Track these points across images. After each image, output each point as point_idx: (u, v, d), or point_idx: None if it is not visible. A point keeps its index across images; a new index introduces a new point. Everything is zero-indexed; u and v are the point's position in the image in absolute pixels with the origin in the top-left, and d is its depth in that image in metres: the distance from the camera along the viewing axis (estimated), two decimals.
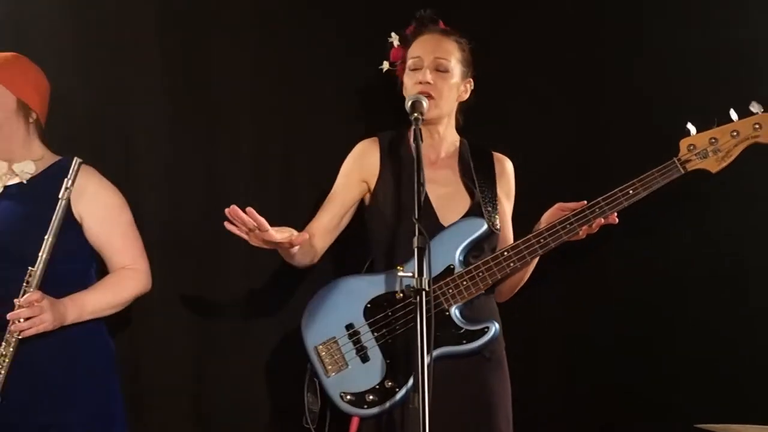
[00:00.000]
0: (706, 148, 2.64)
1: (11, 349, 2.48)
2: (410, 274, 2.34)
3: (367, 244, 2.82)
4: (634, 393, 3.10)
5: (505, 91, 3.13)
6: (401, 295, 2.56)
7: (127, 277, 2.73)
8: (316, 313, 2.71)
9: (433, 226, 2.66)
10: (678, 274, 3.13)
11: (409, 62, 2.78)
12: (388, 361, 2.64)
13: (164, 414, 3.07)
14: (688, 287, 3.12)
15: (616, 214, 2.63)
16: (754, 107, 2.64)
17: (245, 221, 2.41)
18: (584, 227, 2.62)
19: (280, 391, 3.03)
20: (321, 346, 2.67)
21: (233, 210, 2.40)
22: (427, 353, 2.54)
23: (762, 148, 2.65)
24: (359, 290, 2.70)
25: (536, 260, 2.73)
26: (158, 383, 3.08)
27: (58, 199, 2.55)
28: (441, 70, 2.74)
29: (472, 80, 2.84)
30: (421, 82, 2.70)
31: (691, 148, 2.65)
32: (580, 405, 3.13)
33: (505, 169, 2.87)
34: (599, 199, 2.63)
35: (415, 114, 2.57)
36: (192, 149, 3.16)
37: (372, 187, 2.80)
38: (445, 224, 2.70)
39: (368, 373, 2.64)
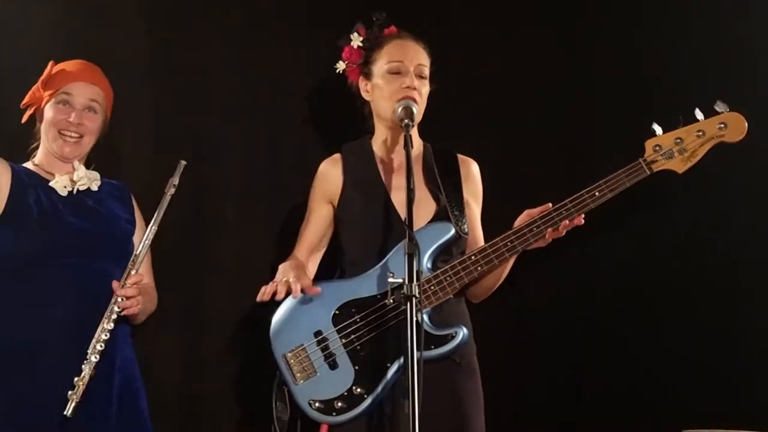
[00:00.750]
0: (672, 148, 2.63)
1: (111, 325, 2.54)
2: (400, 280, 2.35)
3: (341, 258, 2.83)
4: (620, 397, 3.10)
5: (483, 93, 3.16)
6: (391, 301, 2.57)
7: (154, 289, 2.85)
8: (284, 321, 2.71)
9: (398, 232, 2.68)
10: (663, 275, 3.13)
11: (388, 65, 2.75)
12: (356, 368, 2.63)
13: None
14: (675, 289, 3.12)
15: (582, 216, 2.62)
16: (719, 107, 2.63)
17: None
18: (550, 230, 2.61)
19: (253, 400, 3.02)
20: (289, 354, 2.67)
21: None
22: (396, 360, 2.60)
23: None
24: (328, 297, 2.69)
25: (511, 262, 2.72)
26: None
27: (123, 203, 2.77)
28: (422, 77, 2.75)
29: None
30: (408, 87, 2.70)
31: (657, 148, 2.64)
32: (564, 410, 3.13)
33: (471, 171, 2.86)
34: (566, 201, 2.63)
35: (406, 120, 2.60)
36: (178, 151, 3.13)
37: (336, 203, 2.82)
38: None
39: (337, 381, 2.63)
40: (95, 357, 2.50)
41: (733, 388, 3.03)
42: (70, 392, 2.47)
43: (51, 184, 2.68)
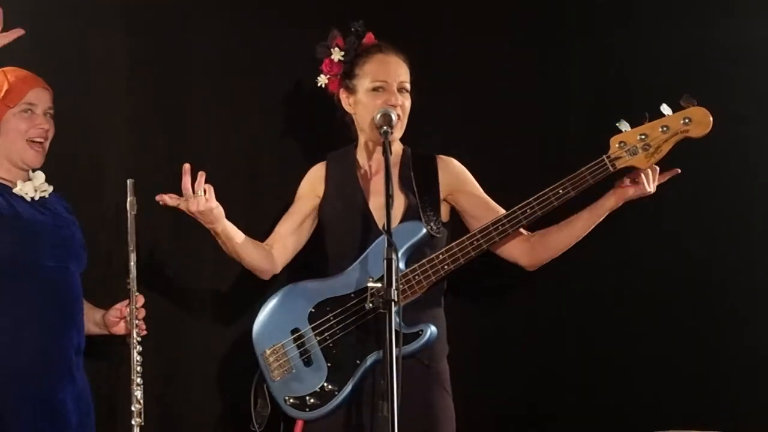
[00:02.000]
0: (636, 144, 2.64)
1: (140, 348, 2.74)
2: (379, 285, 2.44)
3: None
4: (592, 399, 3.11)
5: (467, 95, 3.18)
6: (371, 305, 2.66)
7: None
8: (265, 319, 2.82)
9: (374, 234, 2.77)
10: (642, 277, 3.12)
11: (372, 84, 2.79)
12: (329, 365, 2.73)
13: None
14: (650, 290, 3.11)
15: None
16: (685, 101, 2.62)
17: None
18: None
19: (234, 396, 3.12)
20: (268, 351, 2.78)
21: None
22: (366, 357, 2.69)
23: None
24: (305, 295, 2.81)
25: (584, 223, 2.74)
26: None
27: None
28: (403, 90, 2.81)
29: None
30: (393, 105, 2.76)
31: (622, 144, 2.64)
32: (537, 412, 3.15)
33: (449, 167, 2.90)
34: (530, 199, 2.66)
35: (385, 127, 2.66)
36: (157, 155, 3.24)
37: (319, 205, 2.91)
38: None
39: (310, 377, 2.74)
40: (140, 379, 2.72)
41: (704, 390, 3.04)
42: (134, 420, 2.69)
43: (16, 191, 2.75)
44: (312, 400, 2.72)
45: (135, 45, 3.23)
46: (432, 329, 2.70)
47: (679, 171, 2.69)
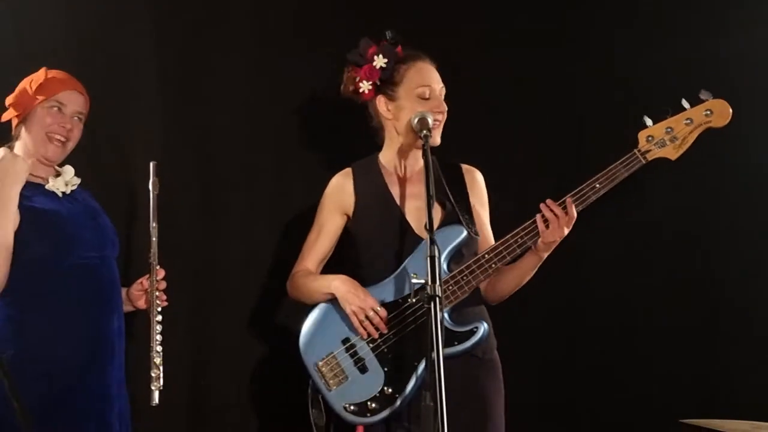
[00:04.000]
0: (663, 137, 2.79)
1: (160, 318, 2.83)
2: (423, 281, 2.50)
3: (347, 264, 2.94)
4: (619, 388, 3.23)
5: (477, 100, 3.29)
6: (413, 300, 2.72)
7: None
8: (312, 333, 2.85)
9: (410, 239, 2.83)
10: (657, 272, 3.27)
11: (418, 90, 2.85)
12: (385, 369, 2.77)
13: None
14: (673, 282, 3.26)
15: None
16: (704, 95, 2.79)
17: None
18: (560, 217, 2.73)
19: (281, 402, 3.15)
20: (321, 363, 2.80)
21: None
22: (422, 358, 2.74)
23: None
24: None
25: (531, 267, 2.84)
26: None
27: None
28: (443, 99, 2.90)
29: None
30: (441, 111, 2.84)
31: (650, 138, 2.80)
32: (567, 402, 3.26)
33: (475, 179, 3.00)
34: (567, 195, 2.77)
35: (425, 131, 2.73)
36: (185, 152, 3.29)
37: (351, 215, 2.94)
38: (422, 236, 2.81)
39: (368, 383, 2.77)
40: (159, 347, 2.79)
41: (727, 379, 3.19)
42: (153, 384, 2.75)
43: (48, 187, 2.80)
44: (373, 405, 2.74)
45: (163, 43, 3.27)
46: (485, 326, 2.78)
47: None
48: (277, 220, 3.29)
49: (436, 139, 2.83)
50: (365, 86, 2.91)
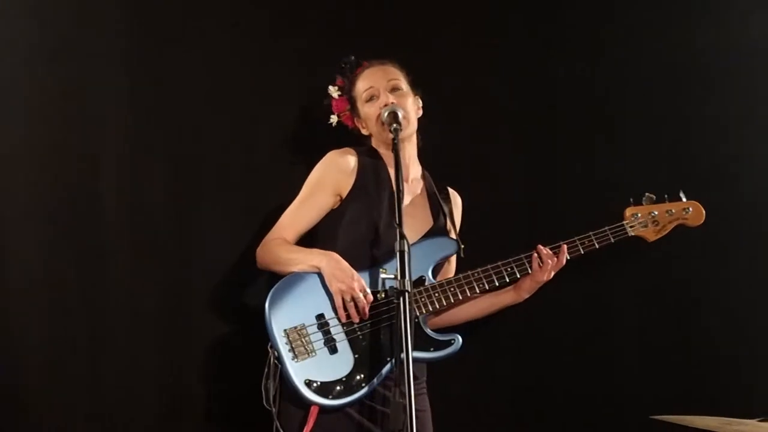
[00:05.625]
0: (647, 219, 3.04)
1: None
2: (392, 276, 2.45)
3: (318, 244, 2.83)
4: (591, 385, 3.24)
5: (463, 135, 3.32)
6: (383, 295, 2.65)
7: None
8: (284, 298, 2.69)
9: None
10: (625, 267, 3.31)
11: (364, 95, 2.89)
12: (356, 356, 2.66)
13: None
14: (645, 280, 3.33)
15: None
16: (683, 195, 3.09)
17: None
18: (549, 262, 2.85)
19: (235, 375, 2.91)
20: (290, 330, 2.64)
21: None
22: (394, 355, 2.66)
23: None
24: None
25: (509, 304, 2.90)
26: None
27: None
28: (396, 89, 2.89)
29: (419, 98, 2.98)
30: (386, 104, 2.82)
31: (635, 216, 3.02)
32: (535, 402, 3.24)
33: (458, 204, 3.05)
34: (561, 243, 2.90)
35: (394, 124, 2.73)
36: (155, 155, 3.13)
37: (344, 196, 2.84)
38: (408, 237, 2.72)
39: (336, 365, 2.64)
40: None
41: (698, 376, 3.26)
42: None
43: None
44: (338, 388, 2.60)
45: (135, 48, 3.13)
46: (459, 340, 2.75)
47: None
48: (252, 218, 3.09)
49: (406, 131, 2.82)
50: (334, 119, 3.04)
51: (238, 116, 3.19)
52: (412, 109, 2.88)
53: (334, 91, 3.02)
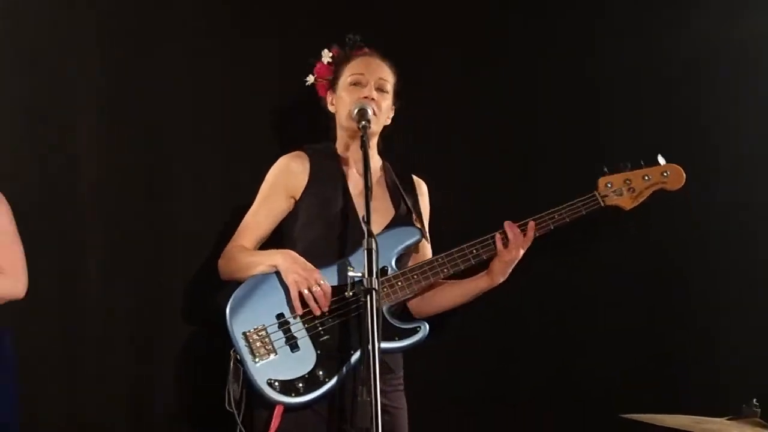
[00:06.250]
0: (622, 187, 2.92)
1: None
2: (360, 274, 2.43)
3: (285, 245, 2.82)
4: (557, 384, 3.20)
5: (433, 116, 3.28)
6: (351, 293, 2.62)
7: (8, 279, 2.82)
8: (244, 301, 2.68)
9: (358, 235, 2.72)
10: (598, 265, 3.28)
11: (350, 78, 2.85)
12: (318, 352, 2.64)
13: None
14: (609, 277, 3.27)
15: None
16: (660, 159, 2.96)
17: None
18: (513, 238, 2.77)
19: (199, 379, 2.93)
20: (250, 332, 2.63)
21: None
22: (358, 348, 2.63)
23: None
24: None
25: (483, 290, 2.83)
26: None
27: None
28: (382, 90, 2.85)
29: (394, 107, 2.95)
30: (366, 97, 2.80)
31: (609, 185, 2.91)
32: (504, 400, 3.20)
33: (423, 190, 3.00)
34: (529, 219, 2.82)
35: (363, 122, 2.69)
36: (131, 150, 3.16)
37: (298, 197, 2.83)
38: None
39: (297, 363, 2.63)
40: None
41: (669, 374, 3.21)
42: None
43: None
44: (300, 385, 2.59)
45: (109, 41, 3.15)
46: (426, 327, 2.71)
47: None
48: (222, 214, 3.12)
49: (373, 128, 2.77)
50: (310, 79, 3.01)
51: (214, 116, 3.20)
52: (384, 113, 2.86)
53: (326, 55, 3.00)
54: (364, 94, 2.81)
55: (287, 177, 2.85)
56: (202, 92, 3.21)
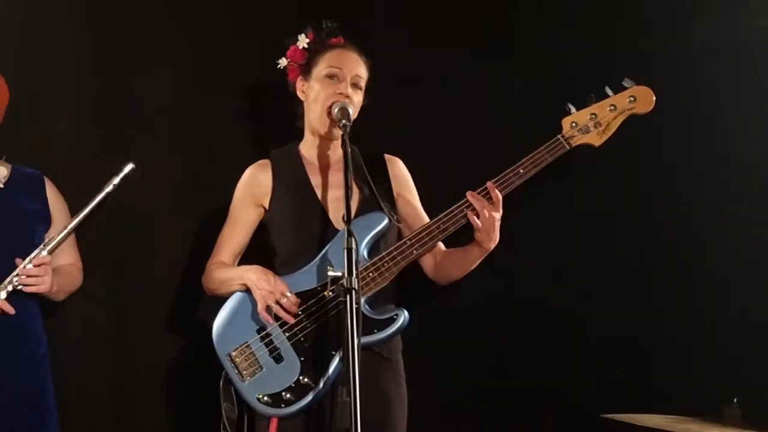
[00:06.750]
0: (588, 123, 2.76)
1: (3, 294, 2.71)
2: (339, 273, 2.41)
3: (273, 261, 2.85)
4: (540, 385, 3.15)
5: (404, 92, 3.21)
6: (331, 294, 2.63)
7: (77, 271, 2.99)
8: (226, 322, 2.74)
9: (329, 229, 2.76)
10: (577, 266, 3.21)
11: (326, 70, 2.81)
12: (302, 359, 2.66)
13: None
14: (588, 278, 3.19)
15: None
16: (627, 82, 2.78)
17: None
18: (486, 207, 2.67)
19: (197, 400, 3.00)
20: (234, 353, 2.69)
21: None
22: (340, 348, 2.63)
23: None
24: None
25: (479, 257, 2.77)
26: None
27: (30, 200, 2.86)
28: (357, 87, 2.82)
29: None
30: (342, 94, 2.77)
31: (574, 124, 2.76)
32: (486, 401, 3.17)
33: (397, 167, 2.94)
34: (493, 180, 2.72)
35: (344, 121, 2.67)
36: (102, 148, 3.18)
37: (267, 206, 2.85)
38: (338, 226, 2.74)
39: (283, 373, 2.66)
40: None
41: (649, 374, 3.15)
42: None
43: None
44: (288, 396, 2.63)
45: (81, 38, 3.16)
46: (405, 314, 2.68)
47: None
48: (198, 215, 3.17)
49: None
50: (283, 62, 2.94)
51: (189, 116, 3.21)
52: (356, 110, 2.82)
53: (302, 40, 2.94)
54: (339, 90, 2.78)
55: (252, 188, 2.88)
56: (178, 93, 3.22)
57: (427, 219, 2.88)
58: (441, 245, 2.88)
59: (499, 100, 3.24)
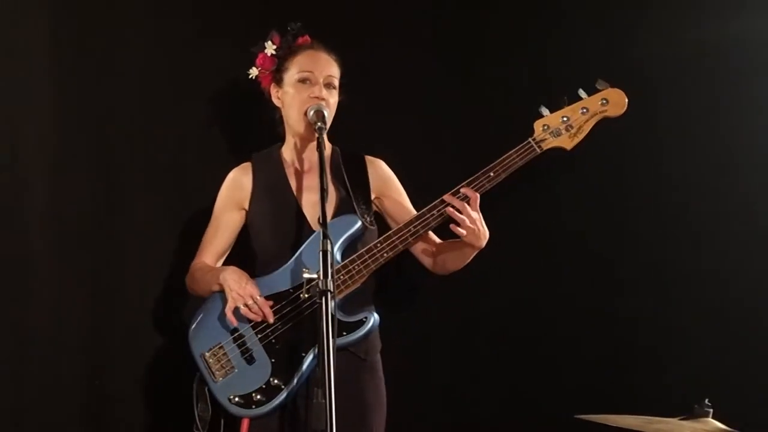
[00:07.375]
0: (559, 126, 2.76)
1: None
2: (315, 275, 2.44)
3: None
4: (514, 386, 3.19)
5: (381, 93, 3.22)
6: (306, 296, 2.65)
7: None
8: (202, 322, 2.78)
9: (305, 231, 2.79)
10: (553, 270, 3.23)
11: (298, 75, 2.83)
12: (273, 360, 2.70)
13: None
14: (563, 281, 3.22)
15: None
16: (600, 84, 2.78)
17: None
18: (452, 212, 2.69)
19: (176, 400, 2.98)
20: (208, 353, 2.73)
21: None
22: (310, 350, 2.67)
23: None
24: None
25: (472, 254, 2.79)
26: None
27: None
28: (331, 87, 2.84)
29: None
30: (317, 97, 2.79)
31: (545, 128, 2.76)
32: (463, 402, 3.20)
33: (378, 168, 2.95)
34: (464, 183, 2.73)
35: (319, 123, 2.70)
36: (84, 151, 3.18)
37: (247, 208, 2.89)
38: (315, 228, 2.75)
39: (254, 374, 2.70)
40: None
41: (622, 374, 3.17)
42: None
43: None
44: (258, 397, 2.67)
45: (59, 39, 3.14)
46: (375, 317, 2.72)
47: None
48: (179, 216, 3.18)
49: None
50: (254, 72, 2.95)
51: (167, 118, 3.21)
52: (333, 110, 2.85)
53: (270, 47, 2.95)
54: (314, 93, 2.80)
55: (233, 190, 2.92)
56: (155, 98, 3.22)
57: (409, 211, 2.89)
58: (436, 238, 2.89)
59: (473, 101, 3.25)
